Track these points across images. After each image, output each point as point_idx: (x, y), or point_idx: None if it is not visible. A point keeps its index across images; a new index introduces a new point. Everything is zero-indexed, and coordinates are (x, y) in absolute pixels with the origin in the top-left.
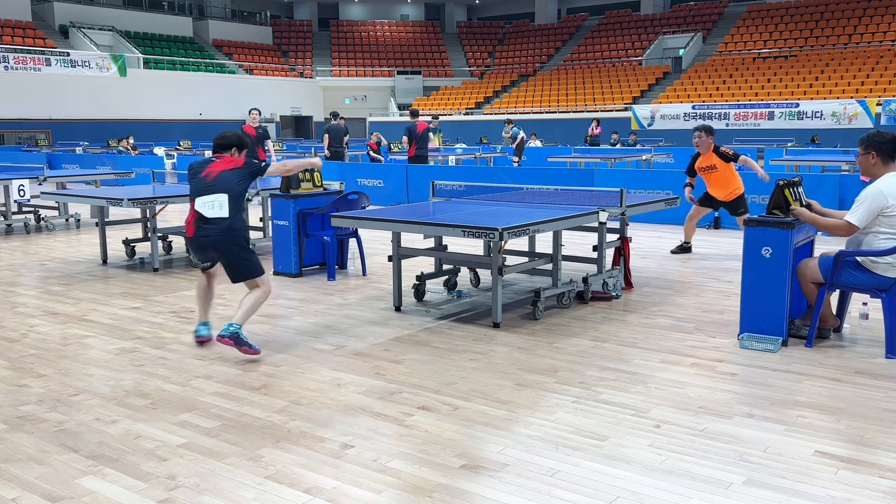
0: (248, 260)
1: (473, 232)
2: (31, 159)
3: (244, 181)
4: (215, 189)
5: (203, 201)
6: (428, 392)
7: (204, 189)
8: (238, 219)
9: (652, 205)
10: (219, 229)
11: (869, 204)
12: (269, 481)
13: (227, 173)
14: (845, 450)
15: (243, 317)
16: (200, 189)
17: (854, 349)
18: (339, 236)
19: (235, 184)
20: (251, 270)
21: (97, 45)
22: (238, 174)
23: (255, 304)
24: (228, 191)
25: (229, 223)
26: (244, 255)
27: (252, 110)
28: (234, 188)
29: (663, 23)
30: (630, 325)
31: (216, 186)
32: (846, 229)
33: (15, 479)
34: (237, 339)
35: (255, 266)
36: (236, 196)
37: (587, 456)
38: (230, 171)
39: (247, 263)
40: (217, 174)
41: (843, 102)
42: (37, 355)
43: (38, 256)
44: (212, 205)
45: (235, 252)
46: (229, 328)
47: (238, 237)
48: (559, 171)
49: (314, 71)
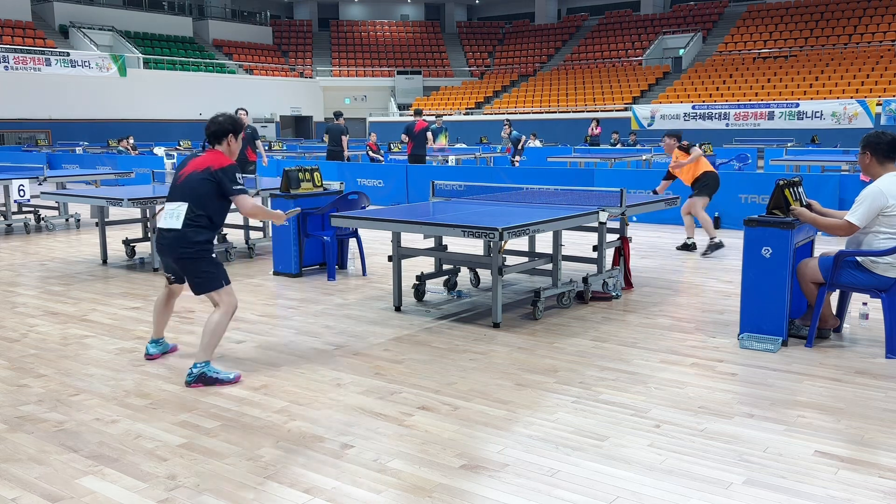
0: (205, 272)
1: (473, 232)
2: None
3: (210, 194)
4: (177, 195)
5: (166, 209)
6: (428, 392)
7: (174, 193)
8: (194, 229)
9: (652, 205)
10: (170, 238)
11: (869, 204)
12: (269, 481)
13: (195, 177)
14: (845, 450)
15: (206, 350)
16: (171, 192)
17: (854, 349)
18: (339, 236)
19: (196, 193)
20: (208, 283)
21: (97, 45)
22: (205, 183)
23: (216, 329)
24: (188, 199)
25: (180, 234)
26: (200, 266)
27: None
28: (195, 198)
29: (663, 23)
30: (630, 325)
31: (179, 192)
32: (846, 229)
33: (15, 479)
34: (205, 379)
35: (212, 278)
36: (199, 205)
37: (587, 456)
38: (200, 173)
39: (204, 275)
40: (185, 177)
41: (843, 102)
42: (37, 355)
43: (38, 256)
44: (170, 214)
45: (189, 263)
46: (193, 370)
47: (190, 247)
48: (559, 171)
49: (314, 71)
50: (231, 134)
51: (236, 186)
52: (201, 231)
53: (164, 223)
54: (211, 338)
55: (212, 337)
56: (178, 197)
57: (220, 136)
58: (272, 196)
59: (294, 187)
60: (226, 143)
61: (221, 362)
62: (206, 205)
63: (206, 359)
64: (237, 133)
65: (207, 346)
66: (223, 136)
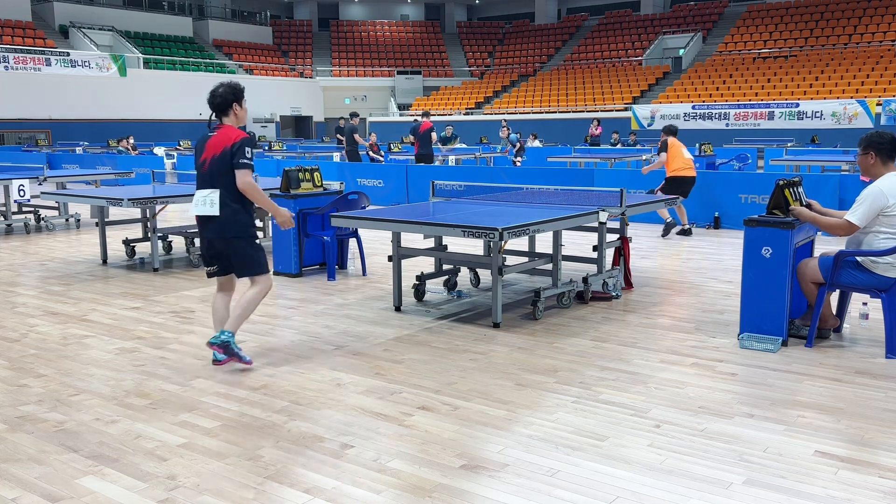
0: (250, 254)
1: (473, 232)
2: (31, 159)
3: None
4: (206, 183)
5: (197, 196)
6: (428, 392)
7: (203, 180)
8: (237, 211)
9: (652, 205)
10: (213, 226)
11: (870, 203)
12: (269, 481)
13: (218, 161)
14: (845, 450)
15: (236, 322)
16: (200, 180)
17: (854, 349)
18: (339, 236)
19: (223, 174)
20: (253, 266)
21: (97, 45)
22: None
23: (248, 305)
24: (218, 185)
25: (221, 219)
26: (247, 248)
27: None
28: (225, 183)
29: (663, 23)
30: (630, 325)
31: (208, 179)
32: (846, 228)
33: (15, 479)
34: (227, 348)
35: (255, 262)
36: (231, 190)
37: (587, 456)
38: (219, 156)
39: (249, 258)
40: (209, 163)
41: (843, 102)
42: (37, 355)
43: (38, 256)
44: (202, 202)
45: (235, 244)
46: (221, 336)
47: (233, 229)
48: (559, 171)
49: (314, 71)
50: (234, 102)
51: (242, 160)
52: (240, 212)
53: (198, 211)
54: (243, 311)
55: (244, 311)
56: (207, 184)
57: (224, 108)
58: (272, 196)
59: (294, 187)
60: (232, 113)
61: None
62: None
63: (233, 330)
64: (240, 99)
65: (238, 318)
66: (228, 107)
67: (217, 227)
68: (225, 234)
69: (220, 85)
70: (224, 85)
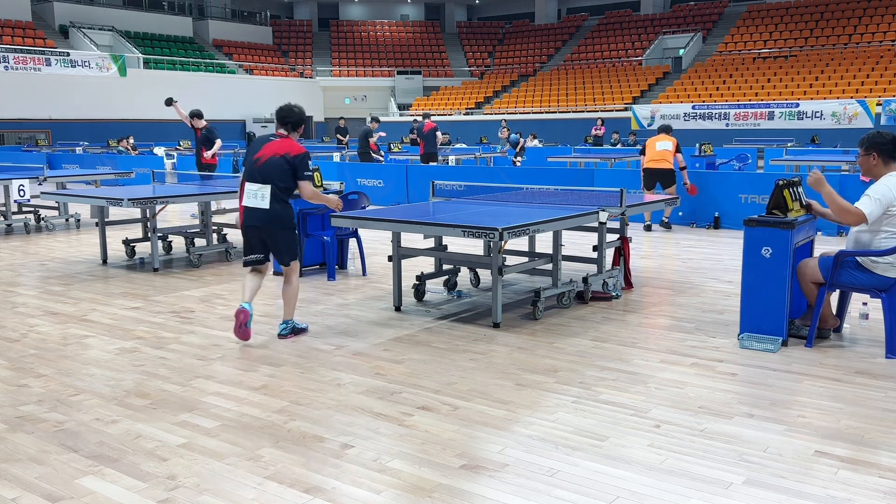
0: (292, 242)
1: (473, 232)
2: (31, 159)
3: (286, 176)
4: (260, 177)
5: (249, 190)
6: (428, 392)
7: (254, 174)
8: (281, 204)
9: (652, 205)
10: (263, 216)
11: (883, 200)
12: (269, 481)
13: (275, 161)
14: (845, 450)
15: (292, 309)
16: (251, 174)
17: (854, 349)
18: (339, 236)
19: (279, 176)
20: (293, 252)
21: (97, 45)
22: (283, 167)
23: (293, 293)
24: (272, 182)
25: (271, 211)
26: (291, 237)
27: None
28: (278, 181)
29: (663, 23)
30: (630, 325)
31: (262, 174)
32: (859, 217)
33: (15, 479)
34: (295, 330)
35: (294, 249)
36: (282, 188)
37: (587, 456)
38: (279, 158)
39: (292, 246)
40: (266, 159)
41: (843, 102)
42: (37, 355)
43: (38, 256)
44: (255, 195)
45: (281, 234)
46: (287, 325)
47: (280, 220)
48: (559, 171)
49: (314, 71)
50: (302, 125)
51: (306, 173)
52: (287, 207)
53: (250, 203)
54: (293, 299)
55: (294, 298)
56: (259, 179)
57: (297, 126)
58: None
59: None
60: (297, 133)
61: (221, 361)
62: (287, 186)
63: (292, 316)
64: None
65: (292, 306)
66: (299, 126)
67: (266, 217)
68: (273, 224)
69: (296, 105)
70: (299, 107)
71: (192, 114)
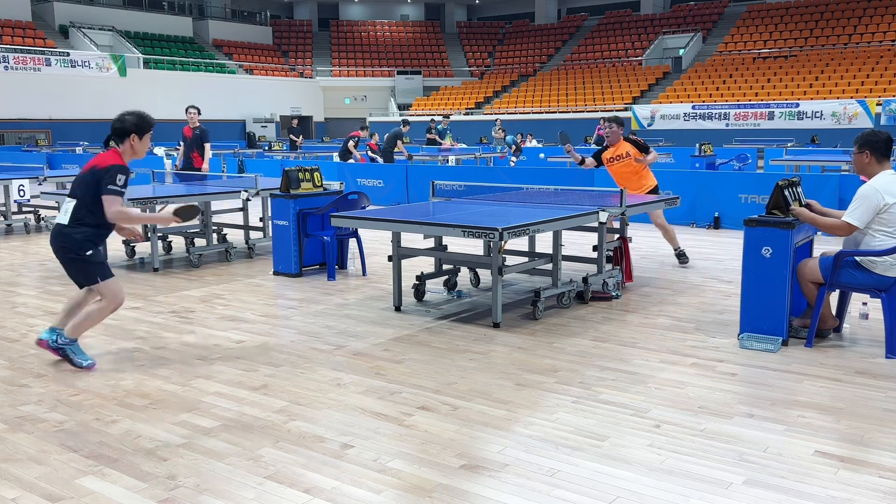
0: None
1: (473, 232)
2: (31, 159)
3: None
4: (71, 191)
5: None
6: (428, 392)
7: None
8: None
9: (652, 205)
10: (55, 233)
11: (866, 203)
12: (269, 481)
13: (85, 176)
14: (845, 450)
15: (74, 329)
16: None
17: (854, 349)
18: (339, 236)
19: (83, 190)
20: (86, 276)
21: (97, 45)
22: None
23: (92, 316)
24: (76, 197)
25: (62, 228)
26: (77, 263)
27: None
28: (81, 195)
29: (663, 23)
30: (630, 325)
31: (72, 188)
32: (846, 229)
33: (15, 479)
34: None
35: (89, 273)
36: (88, 203)
37: (587, 456)
38: (86, 173)
39: (80, 269)
40: (81, 174)
41: (843, 102)
42: (37, 355)
43: (38, 256)
44: (64, 209)
45: (67, 257)
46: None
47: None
48: (559, 171)
49: (314, 71)
50: (134, 133)
51: (111, 186)
52: (84, 229)
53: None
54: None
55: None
56: (71, 194)
57: (122, 135)
58: (272, 196)
59: (294, 187)
60: (128, 142)
61: (221, 361)
62: (87, 203)
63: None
64: (141, 132)
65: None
66: (126, 136)
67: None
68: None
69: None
70: (134, 113)
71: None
